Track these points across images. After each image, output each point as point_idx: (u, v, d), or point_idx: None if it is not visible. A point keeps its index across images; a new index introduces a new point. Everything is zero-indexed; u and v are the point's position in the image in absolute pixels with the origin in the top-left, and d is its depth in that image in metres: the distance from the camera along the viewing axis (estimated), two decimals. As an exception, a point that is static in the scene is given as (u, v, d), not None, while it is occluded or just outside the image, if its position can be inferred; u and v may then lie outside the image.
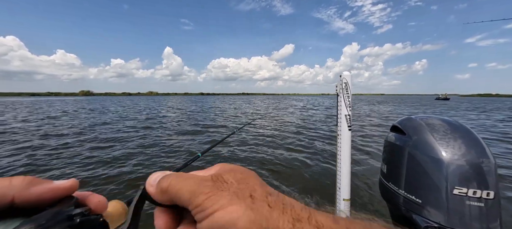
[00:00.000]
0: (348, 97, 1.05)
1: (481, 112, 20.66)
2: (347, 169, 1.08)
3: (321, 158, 5.31)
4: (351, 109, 1.05)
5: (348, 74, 1.03)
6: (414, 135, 0.86)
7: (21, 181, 0.21)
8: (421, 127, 0.87)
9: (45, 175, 4.29)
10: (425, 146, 0.81)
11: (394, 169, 0.91)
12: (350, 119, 1.05)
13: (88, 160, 5.18)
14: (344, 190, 1.10)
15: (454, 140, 0.78)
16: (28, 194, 0.20)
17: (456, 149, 0.75)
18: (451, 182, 0.71)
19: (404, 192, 0.83)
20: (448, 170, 0.73)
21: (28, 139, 7.61)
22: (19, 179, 0.21)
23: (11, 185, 0.20)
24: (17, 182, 0.21)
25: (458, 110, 24.15)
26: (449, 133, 0.81)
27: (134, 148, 6.33)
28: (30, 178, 0.22)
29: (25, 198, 0.20)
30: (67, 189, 0.23)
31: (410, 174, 0.83)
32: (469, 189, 0.69)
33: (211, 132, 8.99)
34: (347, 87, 1.04)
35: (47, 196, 0.21)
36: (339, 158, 1.09)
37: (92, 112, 18.48)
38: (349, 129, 1.06)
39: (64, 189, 0.23)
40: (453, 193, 0.70)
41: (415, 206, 0.79)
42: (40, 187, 0.21)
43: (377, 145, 6.50)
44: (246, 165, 4.72)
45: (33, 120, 13.03)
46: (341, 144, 1.07)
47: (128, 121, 12.74)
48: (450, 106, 33.47)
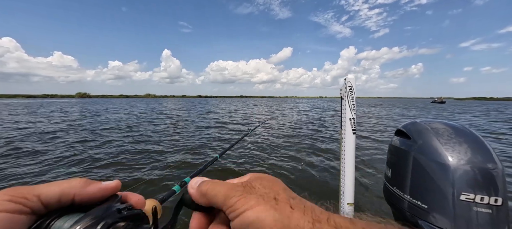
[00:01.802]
0: (352, 100, 1.04)
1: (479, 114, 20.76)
2: (351, 173, 1.07)
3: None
4: (355, 112, 1.04)
5: (352, 77, 1.03)
6: (419, 139, 0.86)
7: (78, 182, 0.27)
8: (426, 131, 0.86)
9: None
10: (430, 151, 0.80)
11: (398, 173, 0.90)
12: (354, 123, 1.05)
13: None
14: (348, 195, 1.09)
15: (460, 145, 0.77)
16: (85, 193, 0.26)
17: (462, 153, 0.74)
18: (458, 187, 0.70)
19: (409, 197, 0.82)
20: (455, 176, 0.72)
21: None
22: (77, 180, 0.27)
23: (71, 186, 0.26)
24: (75, 183, 0.26)
25: (452, 112, 24.26)
26: (454, 138, 0.80)
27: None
28: (85, 180, 0.27)
29: (82, 196, 0.26)
30: (113, 189, 0.29)
31: (415, 179, 0.82)
32: (476, 195, 0.68)
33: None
34: (352, 90, 1.04)
35: (99, 195, 0.27)
36: (343, 161, 1.08)
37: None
38: (353, 132, 1.05)
39: (111, 188, 0.28)
40: (460, 199, 0.69)
41: (420, 211, 0.78)
42: (93, 187, 0.27)
43: (377, 148, 6.46)
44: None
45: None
46: (345, 148, 1.07)
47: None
48: (445, 109, 33.64)
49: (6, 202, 0.22)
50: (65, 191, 0.25)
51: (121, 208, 0.26)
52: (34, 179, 4.29)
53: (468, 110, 31.13)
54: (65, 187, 0.25)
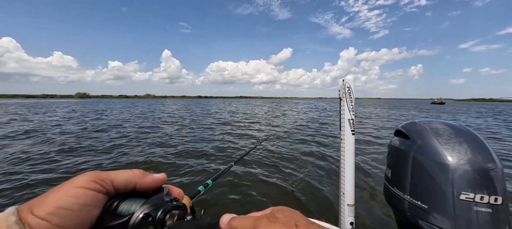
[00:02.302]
0: (351, 101, 1.04)
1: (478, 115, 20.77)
2: (351, 174, 1.07)
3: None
4: (354, 113, 1.04)
5: (351, 78, 1.03)
6: (419, 139, 0.86)
7: (139, 173, 0.32)
8: (425, 132, 0.86)
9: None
10: (430, 151, 0.80)
11: (398, 174, 0.90)
12: (353, 123, 1.05)
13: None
14: (348, 196, 1.09)
15: (460, 145, 0.77)
16: (143, 183, 0.32)
17: (462, 153, 0.74)
18: (458, 187, 0.70)
19: (409, 197, 0.82)
20: (454, 175, 0.72)
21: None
22: (138, 171, 0.32)
23: (134, 175, 0.31)
24: (137, 173, 0.32)
25: (453, 113, 24.27)
26: (453, 137, 0.80)
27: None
28: (142, 171, 0.32)
29: (141, 185, 0.32)
30: (162, 181, 0.34)
31: (415, 179, 0.82)
32: (476, 194, 0.68)
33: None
34: (350, 91, 1.04)
35: (152, 185, 0.33)
36: (343, 163, 1.08)
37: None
38: (352, 133, 1.05)
39: (161, 180, 0.34)
40: (459, 199, 0.69)
41: (420, 211, 0.77)
42: (148, 178, 0.32)
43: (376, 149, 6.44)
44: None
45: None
46: (344, 149, 1.07)
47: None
48: (446, 110, 33.63)
49: (91, 182, 0.27)
50: (130, 179, 0.30)
51: (172, 199, 0.32)
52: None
53: (467, 111, 31.15)
54: (130, 176, 0.31)
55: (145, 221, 0.27)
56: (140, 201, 0.29)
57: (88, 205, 0.26)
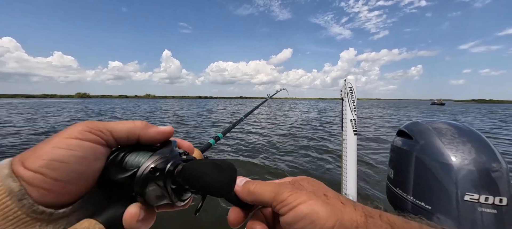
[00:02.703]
0: (353, 101, 1.04)
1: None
2: (353, 175, 1.06)
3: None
4: (356, 113, 1.03)
5: (352, 78, 1.03)
6: (421, 139, 0.85)
7: (141, 123, 0.29)
8: (428, 131, 0.85)
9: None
10: (433, 151, 0.79)
11: (401, 174, 0.90)
12: (355, 124, 1.04)
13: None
14: (351, 196, 1.08)
15: (463, 145, 0.76)
16: (147, 134, 0.29)
17: (466, 153, 0.73)
18: (462, 188, 0.69)
19: (413, 198, 0.81)
20: (458, 176, 0.71)
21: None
22: (139, 122, 0.29)
23: (136, 126, 0.28)
24: (139, 124, 0.29)
25: (454, 114, 24.24)
26: (457, 137, 0.79)
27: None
28: (145, 123, 0.30)
29: (146, 137, 0.29)
30: (169, 133, 0.31)
31: (418, 179, 0.81)
32: (480, 195, 0.67)
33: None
34: (352, 91, 1.04)
35: (158, 138, 0.30)
36: (345, 163, 1.08)
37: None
38: (354, 133, 1.04)
39: (167, 132, 0.31)
40: (464, 200, 0.68)
41: (424, 212, 0.77)
42: (154, 130, 0.30)
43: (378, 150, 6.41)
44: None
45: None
46: (346, 149, 1.06)
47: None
48: (444, 111, 33.53)
49: (86, 133, 0.24)
50: (132, 130, 0.28)
51: (181, 152, 0.30)
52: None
53: (466, 111, 31.03)
54: (131, 127, 0.28)
55: (153, 175, 0.25)
56: (147, 154, 0.27)
57: (86, 157, 0.24)
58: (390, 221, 0.22)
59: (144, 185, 0.25)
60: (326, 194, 0.26)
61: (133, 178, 0.25)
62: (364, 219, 0.22)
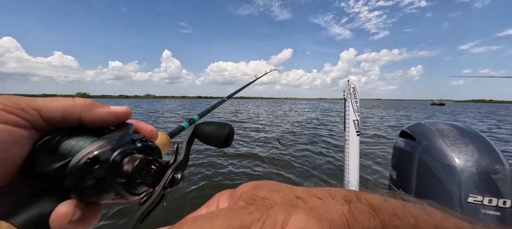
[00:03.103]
0: (356, 102, 1.03)
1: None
2: (356, 176, 1.06)
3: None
4: (359, 114, 1.03)
5: (355, 79, 1.02)
6: (424, 140, 0.85)
7: (83, 102, 0.23)
8: (431, 133, 0.85)
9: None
10: (436, 152, 0.79)
11: (403, 175, 0.89)
12: (358, 124, 1.04)
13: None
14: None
15: (466, 146, 0.76)
16: (92, 115, 0.23)
17: (469, 155, 0.73)
18: (465, 189, 0.69)
19: (415, 199, 0.81)
20: (461, 177, 0.71)
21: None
22: (81, 100, 0.23)
23: (76, 105, 0.22)
24: (80, 102, 0.23)
25: (455, 114, 24.31)
26: (459, 138, 0.79)
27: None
28: (91, 101, 0.23)
29: (90, 118, 0.23)
30: (123, 114, 0.25)
31: (421, 180, 0.81)
32: (484, 197, 0.67)
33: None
34: (355, 92, 1.03)
35: (108, 119, 0.24)
36: (347, 164, 1.07)
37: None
38: (357, 134, 1.04)
39: (122, 114, 0.25)
40: (467, 201, 0.68)
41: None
42: (102, 110, 0.23)
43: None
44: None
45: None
46: (349, 150, 1.06)
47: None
48: (444, 111, 33.52)
49: (1, 112, 0.19)
50: (69, 109, 0.22)
51: (135, 139, 0.24)
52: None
53: (464, 110, 30.98)
54: (69, 105, 0.22)
55: (90, 167, 0.19)
56: (89, 139, 0.22)
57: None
58: (369, 202, 0.18)
59: (78, 179, 0.19)
60: (297, 196, 0.20)
61: (64, 169, 0.20)
62: (347, 207, 0.18)
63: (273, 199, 0.20)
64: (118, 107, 0.25)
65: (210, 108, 0.98)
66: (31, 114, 0.20)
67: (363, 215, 0.18)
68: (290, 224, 0.16)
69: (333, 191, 0.20)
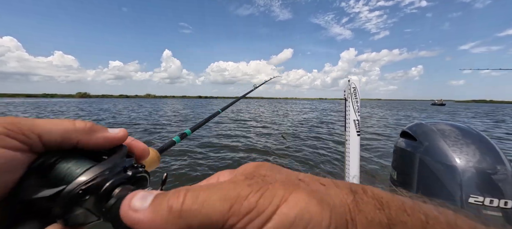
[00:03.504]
0: (356, 101, 1.03)
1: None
2: (356, 176, 1.06)
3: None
4: (359, 114, 1.03)
5: (356, 79, 1.02)
6: (425, 141, 0.84)
7: (83, 125, 0.23)
8: (432, 133, 0.85)
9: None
10: (437, 152, 0.79)
11: (404, 175, 0.89)
12: (358, 124, 1.04)
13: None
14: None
15: (467, 146, 0.75)
16: (90, 140, 0.23)
17: (470, 155, 0.72)
18: (466, 190, 0.69)
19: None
20: (463, 178, 0.70)
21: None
22: (81, 123, 0.23)
23: (76, 129, 0.22)
24: (80, 126, 0.22)
25: (456, 115, 24.24)
26: (461, 139, 0.78)
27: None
28: (90, 124, 0.23)
29: (87, 143, 0.23)
30: (119, 139, 0.25)
31: (422, 181, 0.81)
32: (485, 197, 0.66)
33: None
34: (356, 91, 1.03)
35: (105, 145, 0.24)
36: (348, 164, 1.07)
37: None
38: (357, 134, 1.04)
39: (118, 138, 0.25)
40: (468, 202, 0.68)
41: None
42: (99, 135, 0.23)
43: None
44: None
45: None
46: (349, 150, 1.05)
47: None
48: (445, 111, 33.39)
49: (3, 137, 0.18)
50: (68, 134, 0.22)
51: (127, 166, 0.24)
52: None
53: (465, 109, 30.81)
54: (70, 130, 0.22)
55: (81, 197, 0.19)
56: (84, 165, 0.21)
57: None
58: (376, 196, 0.17)
59: (68, 209, 0.19)
60: (300, 178, 0.19)
61: (56, 197, 0.19)
62: (352, 196, 0.17)
63: (274, 177, 0.19)
64: (115, 132, 0.25)
65: (203, 121, 0.97)
66: (32, 138, 0.20)
67: (369, 207, 0.17)
68: (289, 201, 0.16)
69: (338, 181, 0.20)
